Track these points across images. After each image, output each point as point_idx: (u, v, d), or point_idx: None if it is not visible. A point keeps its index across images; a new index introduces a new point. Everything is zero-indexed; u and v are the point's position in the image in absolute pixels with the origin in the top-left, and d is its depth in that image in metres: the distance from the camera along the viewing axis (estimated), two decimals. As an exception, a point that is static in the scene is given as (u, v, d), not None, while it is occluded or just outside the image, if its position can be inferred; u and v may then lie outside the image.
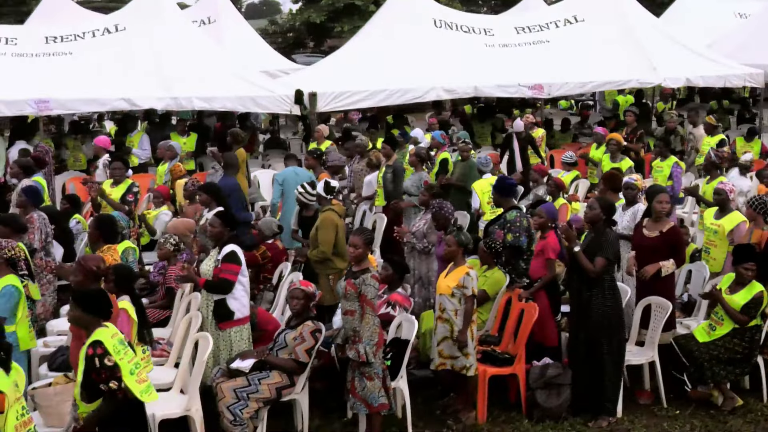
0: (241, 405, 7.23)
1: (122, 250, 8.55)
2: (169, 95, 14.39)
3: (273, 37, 40.85)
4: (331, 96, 15.17)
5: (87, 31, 15.56)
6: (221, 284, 7.77)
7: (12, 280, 7.34)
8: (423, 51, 16.13)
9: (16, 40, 15.24)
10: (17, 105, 13.94)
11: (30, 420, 5.31)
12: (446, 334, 7.81)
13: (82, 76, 14.44)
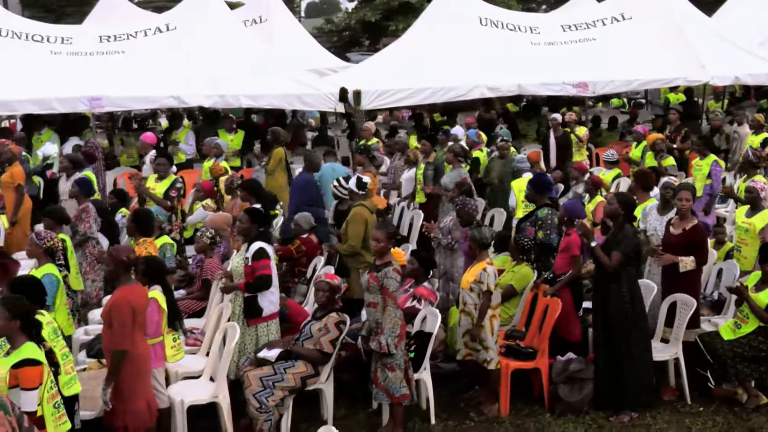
0: (267, 393, 7.47)
1: (160, 245, 8.86)
2: (217, 93, 14.74)
3: (329, 35, 41.20)
4: (375, 94, 15.34)
5: (139, 30, 16.00)
6: (261, 282, 8.00)
7: (51, 269, 7.69)
8: (467, 49, 16.22)
9: (72, 40, 15.72)
10: (71, 102, 14.38)
11: (57, 393, 5.63)
12: (469, 327, 7.96)
13: (134, 75, 14.84)
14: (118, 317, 6.57)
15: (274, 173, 13.66)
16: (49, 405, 5.49)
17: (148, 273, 7.35)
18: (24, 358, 5.37)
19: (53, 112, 14.81)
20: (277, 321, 8.22)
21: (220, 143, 13.85)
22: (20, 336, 5.50)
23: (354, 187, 9.73)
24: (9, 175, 11.93)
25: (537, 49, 16.78)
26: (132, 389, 6.68)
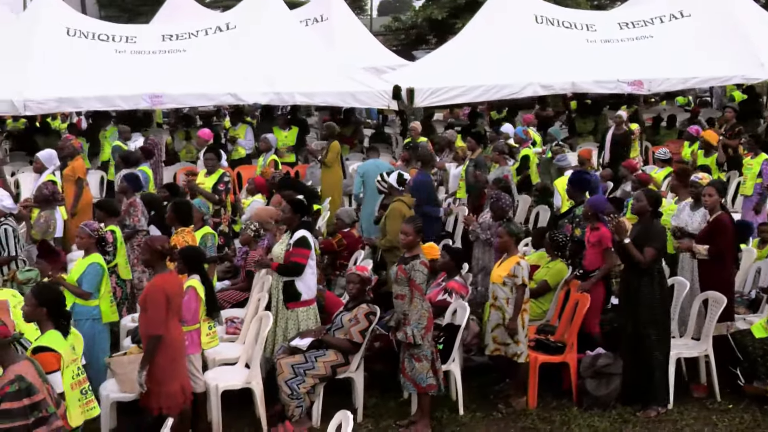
0: (298, 380, 7.75)
1: (202, 235, 9.19)
2: (273, 90, 15.12)
3: (396, 33, 41.41)
4: (428, 91, 15.53)
5: (200, 29, 16.48)
6: (292, 267, 8.25)
7: (97, 259, 8.07)
8: (521, 47, 16.29)
9: (136, 39, 16.28)
10: (133, 100, 14.92)
11: (84, 380, 5.96)
12: (499, 321, 8.11)
13: (194, 72, 15.32)
14: (152, 304, 6.90)
15: (332, 167, 13.98)
16: (74, 391, 5.80)
17: (186, 262, 7.68)
18: (41, 345, 5.69)
19: (116, 109, 15.34)
20: (315, 307, 8.46)
21: (269, 138, 14.19)
22: (47, 323, 5.82)
23: (394, 182, 9.94)
24: (71, 168, 12.44)
25: (593, 47, 16.76)
26: (166, 373, 6.99)
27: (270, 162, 13.43)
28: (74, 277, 8.01)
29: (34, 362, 5.31)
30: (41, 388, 5.11)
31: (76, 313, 8.00)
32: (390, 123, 22.28)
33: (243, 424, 7.92)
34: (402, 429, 7.83)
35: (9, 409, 4.90)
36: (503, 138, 14.56)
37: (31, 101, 14.44)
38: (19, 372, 5.07)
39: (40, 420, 4.98)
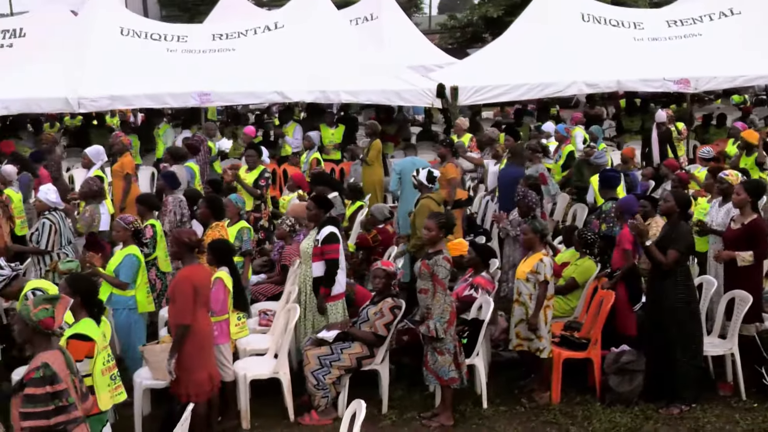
0: (324, 371, 7.97)
1: (238, 229, 9.46)
2: (318, 89, 15.37)
3: (452, 32, 41.42)
4: (472, 90, 15.62)
5: (250, 28, 16.84)
6: (328, 265, 8.49)
7: (134, 250, 8.39)
8: (567, 45, 16.26)
9: (187, 38, 16.69)
10: (182, 98, 15.31)
11: (113, 366, 6.24)
12: (522, 317, 8.23)
13: (242, 71, 15.65)
14: (180, 294, 7.17)
15: (373, 165, 14.20)
16: (104, 377, 6.07)
17: (214, 255, 7.96)
18: (75, 333, 5.98)
19: (166, 106, 15.72)
20: (344, 302, 8.67)
21: (312, 136, 14.44)
22: (81, 311, 6.11)
23: (424, 179, 10.09)
24: (119, 164, 12.83)
25: (639, 45, 16.67)
26: (194, 361, 7.26)
27: (312, 159, 13.66)
28: (111, 268, 8.34)
29: (65, 353, 5.56)
30: (65, 379, 5.35)
31: (113, 302, 8.37)
32: (437, 121, 22.40)
33: (271, 413, 8.15)
34: (425, 421, 8.00)
35: (32, 395, 5.17)
36: (544, 136, 14.58)
37: (85, 99, 14.91)
38: (45, 360, 5.33)
39: (60, 408, 5.22)
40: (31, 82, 15.12)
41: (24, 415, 5.17)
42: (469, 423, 7.99)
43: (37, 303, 5.47)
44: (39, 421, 5.15)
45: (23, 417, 5.18)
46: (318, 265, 8.49)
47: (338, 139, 16.63)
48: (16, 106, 15.14)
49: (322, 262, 8.46)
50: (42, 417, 5.16)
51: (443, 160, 12.30)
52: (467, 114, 18.05)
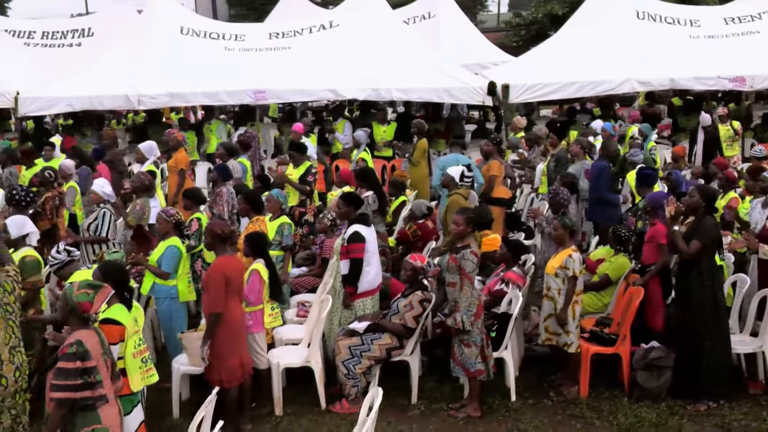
0: (355, 361, 8.20)
1: (279, 224, 9.72)
2: (370, 86, 15.62)
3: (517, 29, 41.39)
4: (522, 88, 15.68)
5: (305, 27, 17.17)
6: (353, 264, 8.71)
7: (175, 242, 8.73)
8: (621, 43, 16.22)
9: (244, 37, 17.10)
10: (238, 95, 15.71)
11: (145, 350, 6.56)
12: (551, 312, 8.35)
13: (296, 69, 15.98)
14: (213, 284, 7.47)
15: (418, 164, 14.40)
16: (136, 359, 6.39)
17: (251, 247, 8.26)
18: (107, 317, 6.31)
19: (222, 103, 16.12)
20: (375, 297, 8.88)
21: (359, 135, 14.69)
22: (112, 298, 6.44)
23: (456, 176, 10.24)
24: (174, 160, 13.24)
25: (695, 43, 16.54)
26: (226, 348, 7.55)
27: (358, 159, 13.92)
28: (154, 259, 8.69)
29: (100, 333, 5.91)
30: (97, 358, 5.68)
31: (155, 291, 8.73)
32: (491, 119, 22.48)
33: (304, 401, 8.41)
34: (452, 411, 8.17)
35: (63, 368, 5.51)
36: (591, 134, 14.60)
37: (145, 96, 15.40)
38: (80, 338, 5.67)
39: (88, 384, 5.55)
40: (95, 80, 15.70)
41: (54, 386, 5.53)
42: (496, 415, 8.14)
43: (80, 286, 5.84)
44: (67, 393, 5.49)
45: (53, 388, 5.54)
46: (344, 263, 8.70)
47: (390, 136, 16.84)
48: (80, 103, 15.72)
49: (347, 261, 8.67)
50: (70, 390, 5.50)
51: (488, 157, 12.43)
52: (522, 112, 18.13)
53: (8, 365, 6.55)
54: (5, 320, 6.56)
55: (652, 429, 7.71)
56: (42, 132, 19.27)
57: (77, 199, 11.65)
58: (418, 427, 7.92)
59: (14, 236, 8.17)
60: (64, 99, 15.51)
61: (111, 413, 5.74)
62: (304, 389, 8.47)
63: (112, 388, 5.85)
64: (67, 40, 19.19)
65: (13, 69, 16.60)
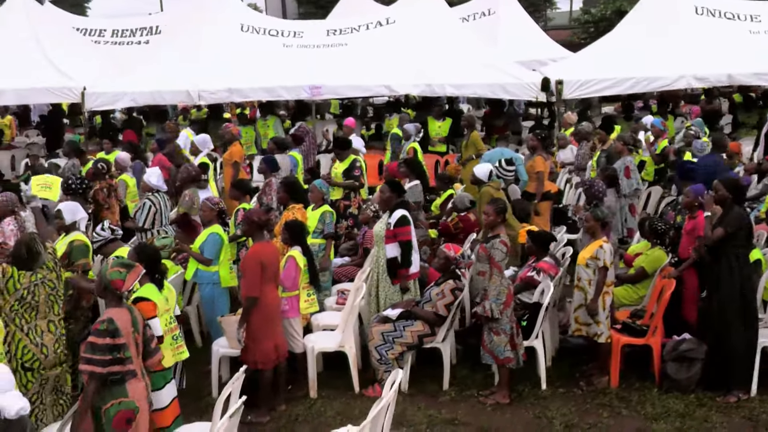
0: (387, 347, 8.42)
1: (321, 213, 9.99)
2: (424, 82, 15.81)
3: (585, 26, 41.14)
4: (577, 83, 15.66)
5: (362, 24, 17.44)
6: (403, 247, 8.93)
7: (217, 229, 9.06)
8: (678, 39, 16.05)
9: (303, 34, 17.45)
10: (295, 90, 16.07)
11: (176, 328, 6.89)
12: (581, 302, 8.44)
13: (352, 65, 16.25)
14: (248, 269, 7.78)
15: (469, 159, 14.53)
16: (167, 336, 6.73)
17: (289, 234, 8.55)
18: (139, 296, 6.65)
19: (279, 99, 16.49)
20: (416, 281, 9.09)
21: (409, 128, 14.90)
22: (144, 278, 6.77)
23: (483, 176, 10.40)
24: (229, 153, 13.66)
25: (755, 38, 16.27)
26: (260, 331, 7.85)
27: (409, 149, 14.13)
28: (197, 246, 9.03)
29: (132, 311, 6.23)
30: (127, 335, 5.99)
31: (198, 277, 9.08)
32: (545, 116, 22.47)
33: (338, 384, 8.65)
34: (482, 398, 8.33)
35: (93, 343, 5.84)
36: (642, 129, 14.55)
37: (205, 91, 15.86)
38: (111, 316, 6.00)
39: (117, 360, 5.87)
40: (157, 76, 16.20)
41: (85, 359, 5.87)
42: (525, 402, 8.27)
43: (114, 265, 6.19)
44: (96, 367, 5.82)
45: (84, 361, 5.88)
46: (391, 247, 8.92)
47: (444, 132, 17.02)
48: (143, 98, 16.29)
49: (395, 244, 8.88)
50: (98, 364, 5.82)
51: (533, 152, 12.52)
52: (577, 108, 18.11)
53: (48, 335, 6.92)
54: (47, 295, 6.93)
55: (678, 419, 7.76)
56: (108, 127, 19.94)
57: (129, 192, 12.10)
58: (446, 412, 8.09)
59: (68, 221, 8.60)
60: (128, 94, 16.08)
61: (138, 387, 6.05)
62: (340, 374, 8.71)
63: (140, 364, 6.17)
64: (135, 38, 19.74)
65: (82, 66, 17.19)
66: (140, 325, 6.25)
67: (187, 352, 7.11)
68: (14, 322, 6.80)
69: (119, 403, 5.95)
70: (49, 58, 16.88)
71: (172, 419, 6.71)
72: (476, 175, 10.51)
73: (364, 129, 19.83)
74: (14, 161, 19.03)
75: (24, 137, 21.94)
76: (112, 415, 5.94)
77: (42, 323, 6.94)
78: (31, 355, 6.84)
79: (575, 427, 7.71)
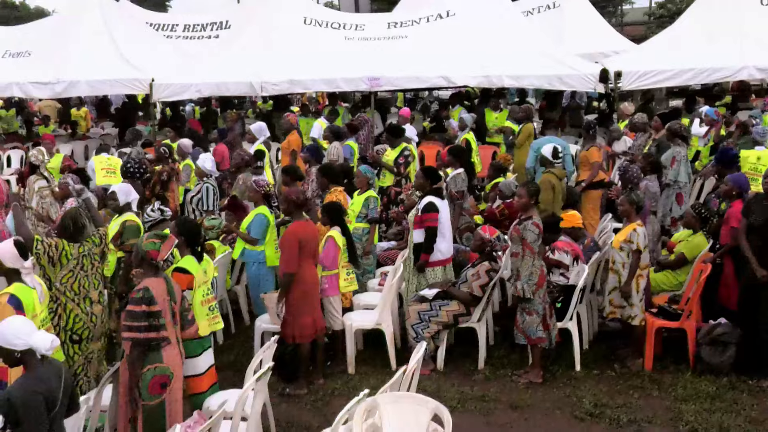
0: (423, 326, 8.65)
1: (365, 197, 10.24)
2: (482, 73, 15.93)
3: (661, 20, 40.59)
4: (636, 75, 15.58)
5: (423, 17, 17.62)
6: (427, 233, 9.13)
7: (263, 210, 9.41)
8: (741, 30, 15.83)
9: (364, 27, 17.71)
10: (354, 82, 16.32)
11: (212, 299, 7.23)
12: (615, 285, 8.55)
13: (411, 57, 16.44)
14: (287, 246, 8.09)
15: (521, 148, 14.66)
16: (203, 307, 7.08)
17: (328, 215, 8.84)
18: (179, 267, 7.01)
19: (339, 90, 16.81)
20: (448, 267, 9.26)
21: (465, 117, 15.07)
22: (185, 250, 7.13)
23: (549, 155, 10.50)
24: (287, 141, 14.06)
25: (821, 29, 15.99)
26: (298, 306, 8.15)
27: (462, 140, 14.30)
28: (244, 226, 9.39)
29: (169, 281, 6.58)
30: (163, 304, 6.33)
31: (245, 256, 9.44)
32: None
33: (376, 361, 8.92)
34: (515, 376, 8.49)
35: (131, 311, 6.21)
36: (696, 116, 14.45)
37: (267, 83, 16.22)
38: (148, 285, 6.35)
39: (152, 326, 6.22)
40: (222, 68, 16.66)
41: (125, 327, 6.23)
42: (558, 382, 8.40)
43: (149, 237, 6.56)
44: (134, 334, 6.18)
45: (124, 329, 6.24)
46: (418, 233, 9.11)
47: (502, 122, 17.11)
48: (208, 89, 16.76)
49: (422, 230, 9.08)
50: (136, 331, 6.18)
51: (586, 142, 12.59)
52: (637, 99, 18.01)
53: (97, 306, 7.32)
54: (93, 268, 7.33)
55: (708, 401, 7.81)
56: (178, 119, 20.55)
57: (192, 176, 12.56)
58: (479, 389, 8.29)
59: (122, 202, 9.01)
60: (194, 85, 16.53)
61: (172, 354, 6.39)
62: (378, 351, 8.98)
63: (176, 333, 6.51)
64: (206, 32, 20.28)
65: (153, 59, 17.78)
66: (177, 295, 6.58)
67: (222, 323, 7.45)
68: (65, 294, 7.19)
69: (155, 368, 6.29)
70: (120, 52, 17.50)
71: (209, 386, 7.05)
72: (543, 154, 10.63)
73: (426, 121, 20.04)
74: (87, 151, 19.78)
75: (99, 129, 22.75)
76: (148, 380, 6.29)
77: (94, 293, 7.34)
78: (82, 324, 7.22)
79: (604, 407, 7.81)
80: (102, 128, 22.77)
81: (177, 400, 6.47)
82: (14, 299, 6.26)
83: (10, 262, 6.42)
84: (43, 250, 7.02)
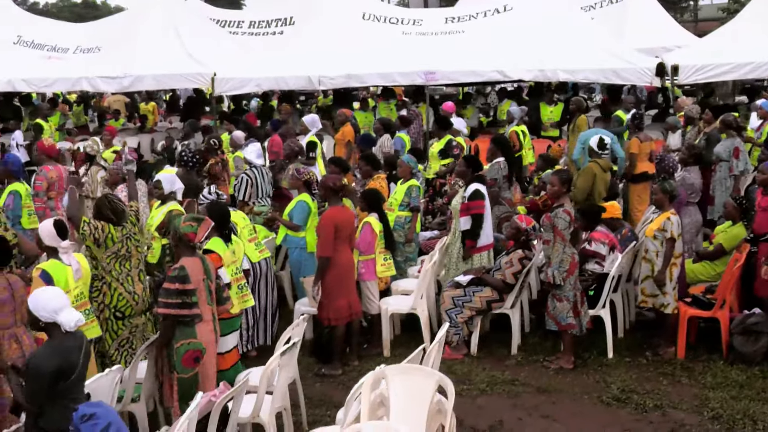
0: (457, 311, 8.83)
1: (408, 186, 10.44)
2: (537, 67, 15.98)
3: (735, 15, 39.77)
4: (692, 69, 15.45)
5: (480, 11, 17.75)
6: (474, 219, 9.34)
7: (305, 198, 9.68)
8: (803, 22, 15.65)
9: (422, 22, 17.92)
10: (410, 76, 16.49)
11: (241, 278, 7.55)
12: (648, 273, 8.61)
13: (467, 51, 16.58)
14: (323, 231, 8.36)
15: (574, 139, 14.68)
16: (234, 285, 7.40)
17: (366, 202, 9.10)
18: (207, 248, 7.32)
19: (395, 84, 17.03)
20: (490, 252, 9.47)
21: (512, 111, 15.19)
22: (213, 232, 7.43)
23: (595, 146, 10.59)
24: (341, 133, 14.35)
25: None
26: (333, 289, 8.40)
27: (511, 132, 14.41)
28: (287, 213, 9.69)
29: (205, 261, 6.89)
30: (197, 282, 6.64)
31: (287, 242, 9.75)
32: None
33: (412, 345, 9.01)
34: (546, 362, 8.62)
35: (167, 288, 6.53)
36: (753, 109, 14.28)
37: (325, 77, 16.54)
38: (183, 264, 6.67)
39: (185, 304, 6.52)
40: (282, 63, 17.04)
41: (161, 303, 6.55)
42: (588, 368, 8.50)
43: (186, 219, 6.88)
44: (167, 310, 6.50)
45: (160, 305, 6.56)
46: (464, 220, 9.33)
47: (557, 116, 17.14)
48: (267, 83, 17.17)
49: (468, 217, 9.28)
50: (170, 307, 6.50)
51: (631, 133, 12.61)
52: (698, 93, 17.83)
53: (138, 284, 7.67)
54: (135, 248, 7.69)
55: (736, 388, 7.84)
56: (239, 113, 21.01)
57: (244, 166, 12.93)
58: (509, 374, 8.44)
59: (167, 191, 9.35)
60: (254, 79, 16.92)
61: (205, 331, 6.68)
62: (414, 336, 9.18)
63: (210, 310, 6.81)
64: (270, 28, 20.65)
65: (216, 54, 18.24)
66: (213, 274, 6.90)
67: (253, 300, 7.78)
68: (110, 274, 7.55)
69: (188, 343, 6.59)
70: (185, 47, 17.99)
71: (231, 364, 7.32)
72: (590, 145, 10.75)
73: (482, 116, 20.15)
74: (153, 144, 20.39)
75: (167, 123, 23.39)
76: (182, 353, 6.59)
77: (135, 272, 7.70)
78: (125, 302, 7.57)
79: (631, 392, 7.90)
80: (170, 122, 23.39)
81: (209, 376, 6.77)
82: (45, 274, 6.67)
83: (48, 240, 6.83)
84: (89, 232, 7.38)
